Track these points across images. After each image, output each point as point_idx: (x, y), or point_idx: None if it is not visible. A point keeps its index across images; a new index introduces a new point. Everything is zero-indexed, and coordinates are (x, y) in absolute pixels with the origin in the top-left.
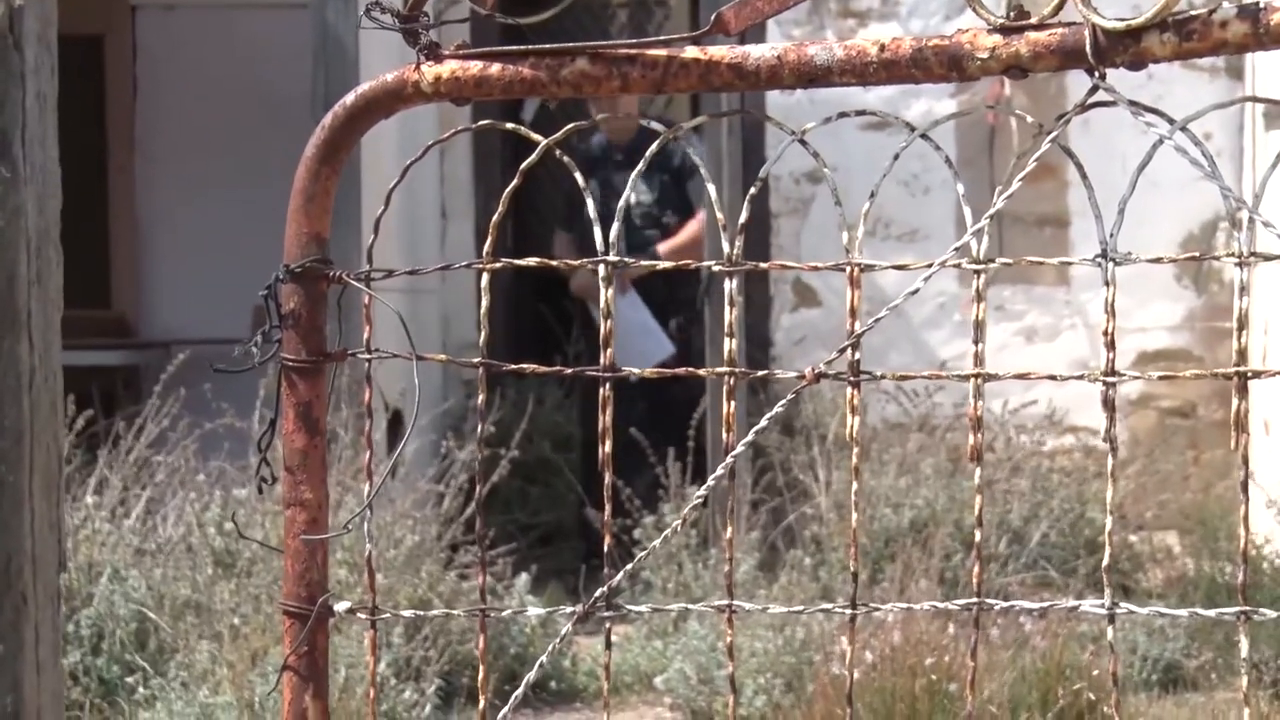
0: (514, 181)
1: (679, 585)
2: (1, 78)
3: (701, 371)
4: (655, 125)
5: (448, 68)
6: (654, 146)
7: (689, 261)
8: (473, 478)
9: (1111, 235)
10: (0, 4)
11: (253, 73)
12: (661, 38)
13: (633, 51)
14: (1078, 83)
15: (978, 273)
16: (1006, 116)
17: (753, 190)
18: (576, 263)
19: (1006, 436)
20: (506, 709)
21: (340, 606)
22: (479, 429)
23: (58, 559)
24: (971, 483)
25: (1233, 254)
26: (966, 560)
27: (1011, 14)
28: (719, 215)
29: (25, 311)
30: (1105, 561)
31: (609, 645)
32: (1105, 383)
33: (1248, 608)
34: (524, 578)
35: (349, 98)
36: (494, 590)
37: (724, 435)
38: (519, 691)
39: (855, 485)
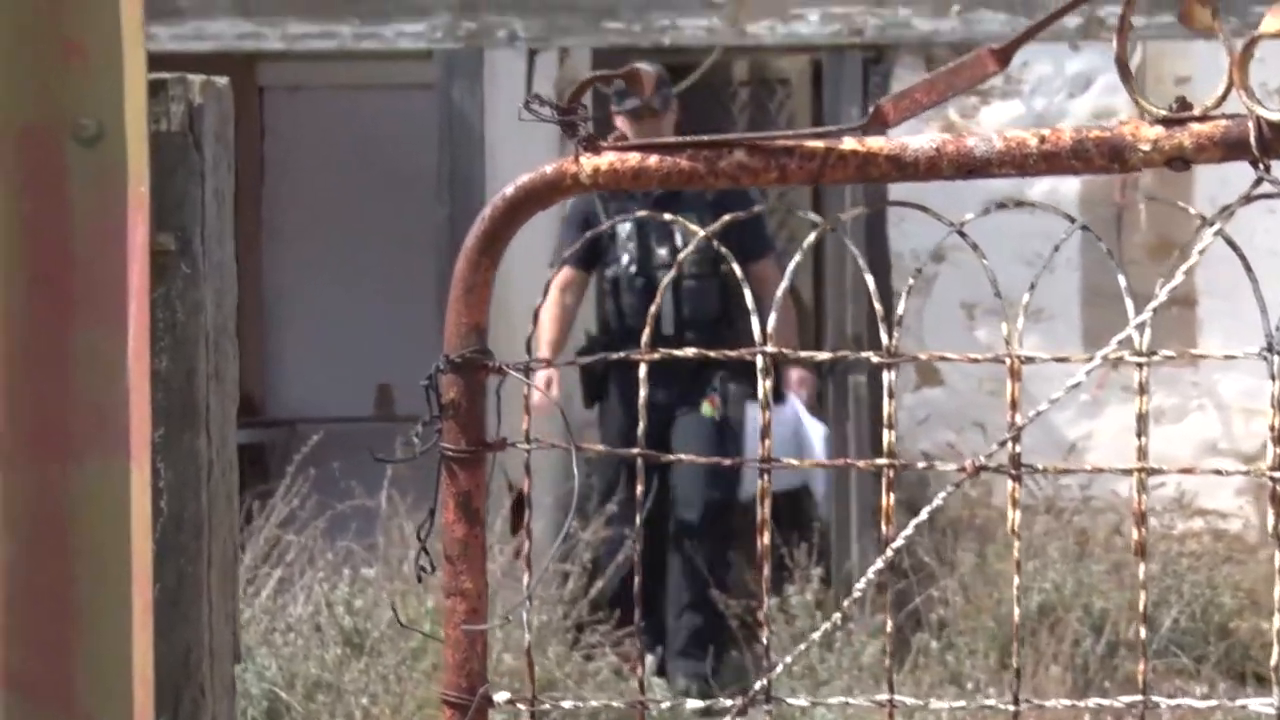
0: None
1: (804, 669)
2: (182, 176)
3: (860, 464)
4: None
5: (606, 160)
6: (810, 238)
7: (845, 353)
8: (596, 558)
9: (1278, 329)
10: (180, 103)
11: (377, 152)
12: (818, 129)
13: (790, 143)
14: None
15: (1140, 365)
16: (1134, 195)
17: (910, 284)
18: (734, 352)
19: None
20: None
21: (500, 697)
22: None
23: (233, 650)
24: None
25: None
26: (1096, 646)
27: (1174, 105)
28: (877, 306)
29: (204, 406)
30: (1274, 660)
31: None
32: (1272, 478)
33: None
34: (651, 660)
35: (508, 190)
36: (620, 671)
37: (883, 528)
38: None
39: (1017, 580)
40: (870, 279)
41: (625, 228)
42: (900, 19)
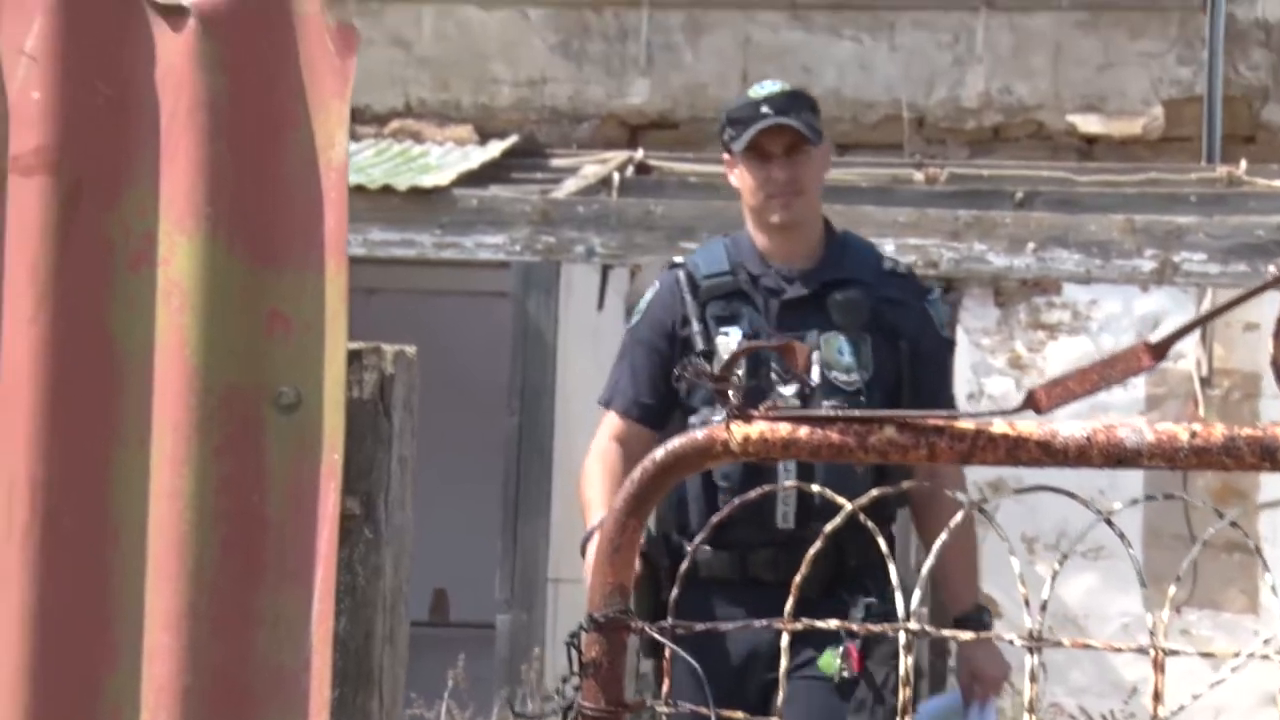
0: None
1: None
2: (370, 443)
3: None
4: (900, 266)
5: (756, 429)
6: (958, 517)
7: (986, 633)
8: None
9: None
10: (373, 372)
11: (449, 357)
12: (970, 411)
13: (941, 422)
14: (1273, 410)
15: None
16: None
17: (1057, 566)
18: (877, 627)
19: None
20: None
21: None
22: None
23: None
24: None
25: None
26: None
27: None
28: (1021, 589)
29: (378, 669)
30: None
31: None
32: None
33: None
34: None
35: (659, 454)
36: None
37: None
38: None
39: None
40: (1016, 561)
41: (730, 343)
42: (975, 253)
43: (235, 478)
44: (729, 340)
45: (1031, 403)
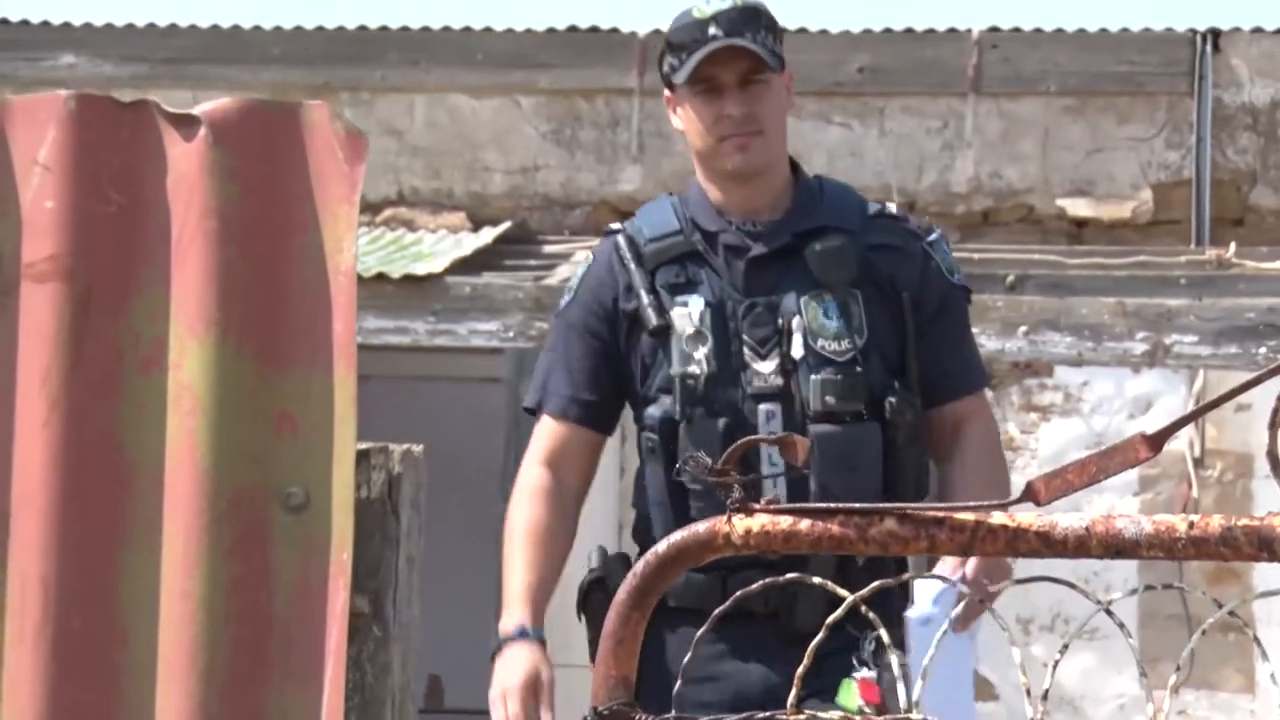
0: None
1: None
2: (378, 542)
3: None
4: (887, 207)
5: (758, 521)
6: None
7: None
8: None
9: None
10: (380, 471)
11: (442, 442)
12: (969, 503)
13: (941, 514)
14: (1266, 491)
15: None
16: (1195, 511)
17: (1058, 655)
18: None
19: None
20: None
21: None
22: None
23: None
24: None
25: None
26: None
27: None
28: (1023, 678)
29: None
30: None
31: None
32: None
33: None
34: None
35: (661, 547)
36: None
37: None
38: None
39: None
40: (1017, 652)
41: (689, 315)
42: None
43: (245, 578)
44: (688, 312)
45: (1030, 495)
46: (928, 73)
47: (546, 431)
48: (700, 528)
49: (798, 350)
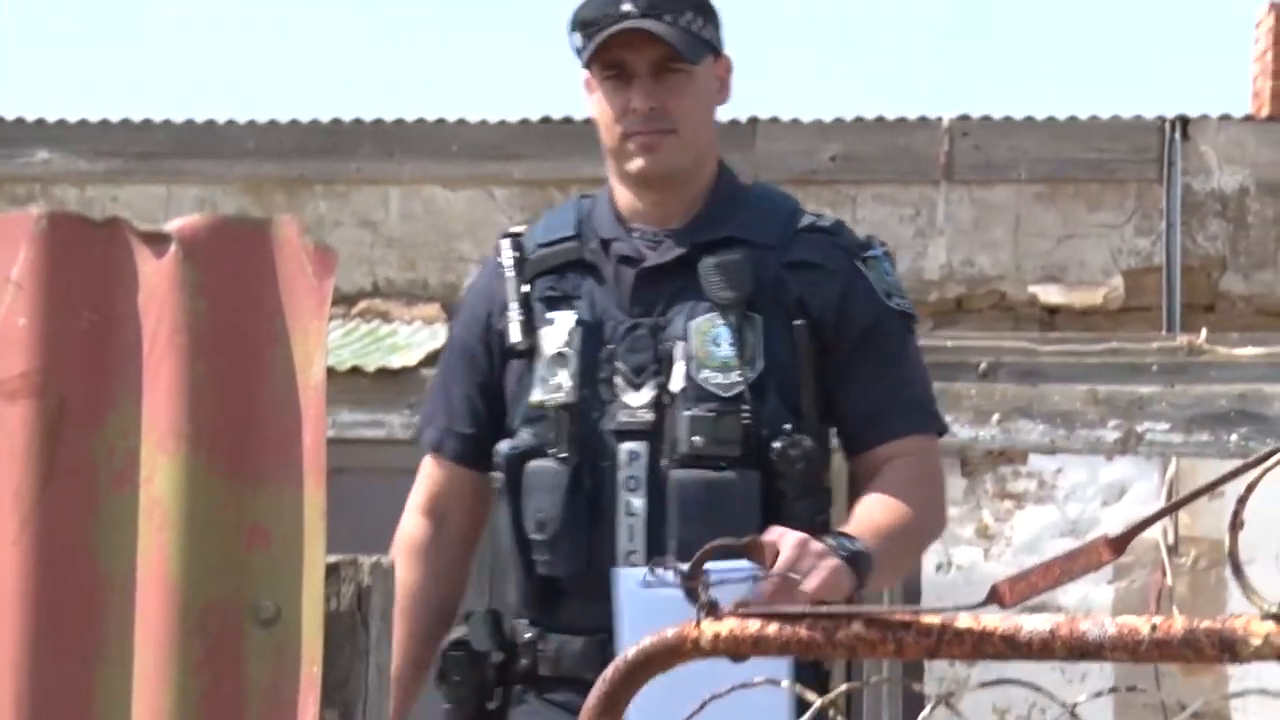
0: None
1: None
2: (348, 654)
3: None
4: (823, 220)
5: (726, 626)
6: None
7: None
8: None
9: None
10: (350, 584)
11: None
12: (935, 607)
13: (908, 617)
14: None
15: None
16: (1169, 599)
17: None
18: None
19: None
20: None
21: None
22: None
23: None
24: None
25: None
26: None
27: None
28: None
29: None
30: None
31: None
32: None
33: None
34: None
35: (629, 653)
36: None
37: None
38: None
39: None
40: None
41: (556, 333)
42: None
43: (215, 692)
44: (555, 330)
45: (995, 597)
46: (900, 161)
47: (426, 470)
48: (668, 633)
49: (677, 381)
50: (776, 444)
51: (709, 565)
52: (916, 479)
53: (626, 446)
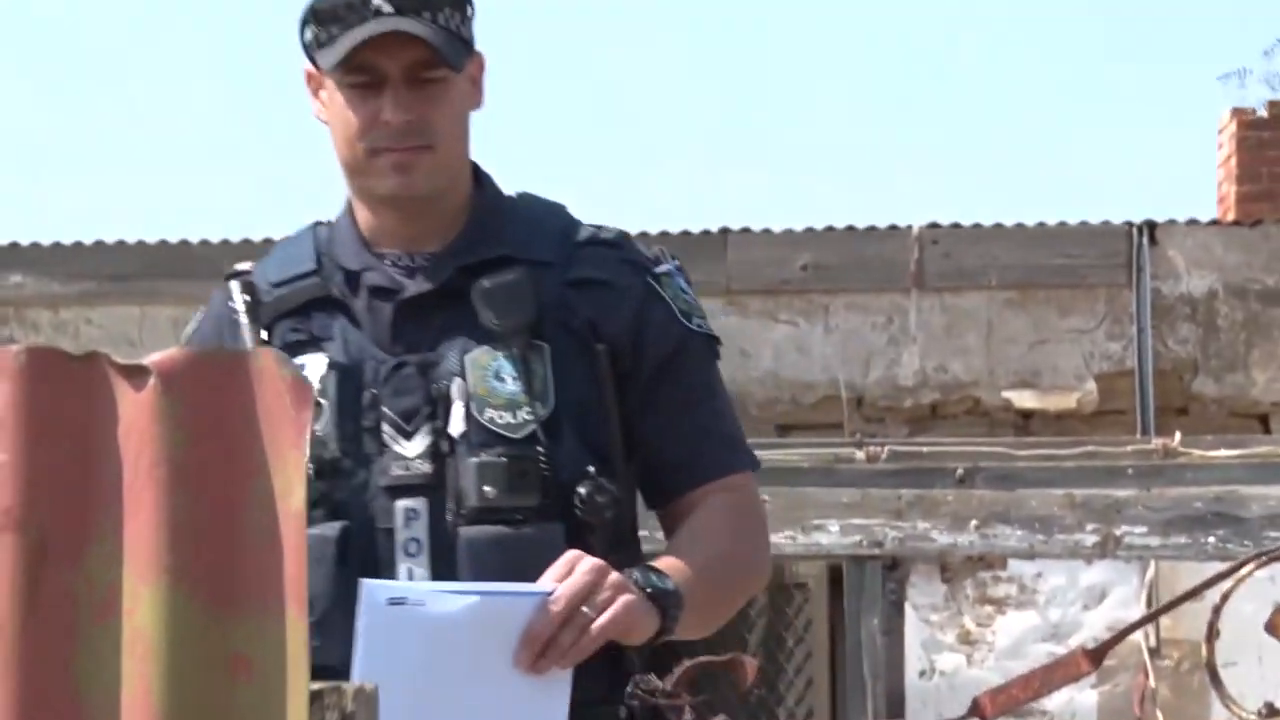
0: None
1: None
2: None
3: None
4: (605, 231)
5: None
6: None
7: None
8: None
9: None
10: (334, 710)
11: None
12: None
13: None
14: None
15: None
16: (1152, 709)
17: None
18: None
19: None
20: None
21: None
22: None
23: None
24: None
25: None
26: None
27: (1263, 710)
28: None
29: None
30: None
31: None
32: None
33: None
34: None
35: None
36: None
37: None
38: None
39: None
40: None
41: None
42: (919, 532)
43: None
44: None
45: (977, 710)
46: (871, 269)
47: None
48: None
49: (457, 425)
50: (580, 490)
51: (493, 586)
52: (740, 514)
53: (403, 504)
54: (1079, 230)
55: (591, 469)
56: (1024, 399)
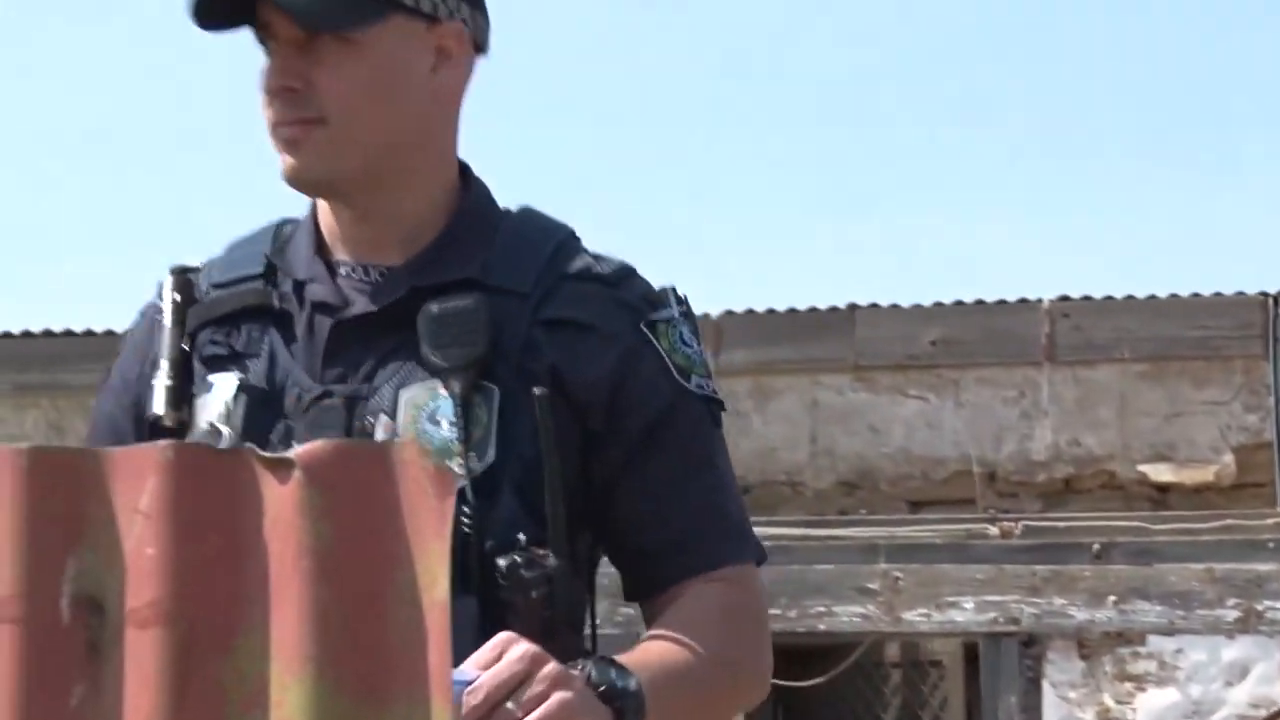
0: None
1: None
2: None
3: None
4: (601, 263)
5: None
6: None
7: None
8: None
9: None
10: None
11: None
12: None
13: None
14: None
15: None
16: None
17: None
18: None
19: None
20: None
21: None
22: None
23: None
24: None
25: None
26: None
27: None
28: None
29: None
30: None
31: None
32: None
33: None
34: None
35: None
36: None
37: None
38: None
39: None
40: None
41: (213, 404)
42: (1056, 608)
43: None
44: (213, 399)
45: None
46: (1001, 343)
47: None
48: None
49: None
50: (502, 561)
51: None
52: (735, 611)
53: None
54: (1213, 301)
55: (522, 537)
56: (1160, 473)
